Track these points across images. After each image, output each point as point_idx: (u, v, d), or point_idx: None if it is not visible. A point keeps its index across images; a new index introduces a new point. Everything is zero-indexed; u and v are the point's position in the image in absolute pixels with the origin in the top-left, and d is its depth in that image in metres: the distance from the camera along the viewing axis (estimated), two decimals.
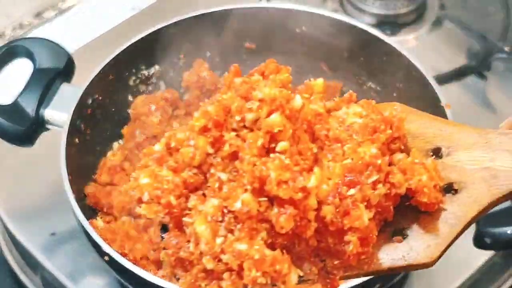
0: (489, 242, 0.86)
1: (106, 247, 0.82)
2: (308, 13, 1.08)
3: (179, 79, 1.13)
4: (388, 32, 1.27)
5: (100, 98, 1.03)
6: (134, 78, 1.10)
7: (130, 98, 1.10)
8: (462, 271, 0.98)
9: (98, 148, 1.06)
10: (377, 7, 1.30)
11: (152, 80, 1.12)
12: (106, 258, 0.83)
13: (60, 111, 0.95)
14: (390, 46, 1.03)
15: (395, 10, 1.30)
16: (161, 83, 1.13)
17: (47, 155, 0.97)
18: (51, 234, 1.03)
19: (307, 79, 0.63)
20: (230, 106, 0.54)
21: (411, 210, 0.56)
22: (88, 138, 1.01)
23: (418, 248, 0.55)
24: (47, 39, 1.01)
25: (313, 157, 0.55)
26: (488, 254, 0.99)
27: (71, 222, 0.90)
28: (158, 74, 1.12)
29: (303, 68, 1.15)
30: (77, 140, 0.97)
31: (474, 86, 1.20)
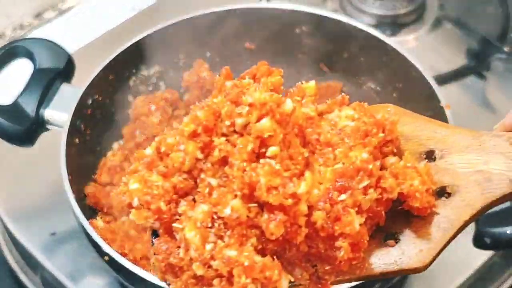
0: (488, 242, 0.86)
1: (106, 247, 0.82)
2: (308, 13, 1.08)
3: (179, 79, 1.13)
4: (388, 32, 1.27)
5: (100, 98, 1.02)
6: (134, 78, 1.10)
7: (130, 98, 1.10)
8: (462, 271, 0.98)
9: (98, 148, 1.06)
10: (377, 8, 1.30)
11: (152, 80, 1.12)
12: (106, 258, 0.83)
13: (60, 111, 0.95)
14: (390, 46, 1.03)
15: (395, 10, 1.30)
16: (161, 83, 1.13)
17: (47, 155, 0.97)
18: (51, 234, 1.03)
19: (307, 79, 0.62)
20: (220, 111, 0.54)
21: (403, 215, 0.56)
22: (88, 138, 1.01)
23: (410, 252, 0.54)
24: (47, 40, 1.01)
25: (304, 161, 0.54)
26: (487, 254, 0.99)
27: (71, 222, 0.90)
28: (158, 74, 1.12)
29: (303, 68, 1.15)
30: (77, 140, 0.97)
31: (473, 87, 1.20)
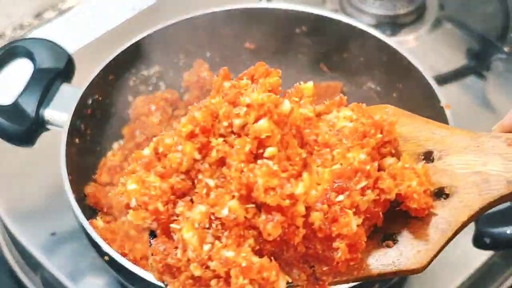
0: (488, 242, 0.86)
1: (106, 247, 0.82)
2: (308, 13, 1.08)
3: (179, 79, 1.13)
4: (388, 32, 1.27)
5: (100, 98, 1.02)
6: (134, 78, 1.10)
7: (130, 99, 1.10)
8: (462, 271, 0.98)
9: (98, 148, 1.06)
10: (376, 8, 1.30)
11: (152, 80, 1.12)
12: (106, 258, 0.83)
13: (60, 111, 0.95)
14: (390, 46, 1.03)
15: (395, 10, 1.30)
16: (161, 83, 1.14)
17: (47, 155, 0.97)
18: (51, 234, 1.03)
19: (307, 79, 0.62)
20: (218, 112, 0.54)
21: (401, 216, 0.56)
22: (88, 138, 1.01)
23: (408, 253, 0.54)
24: (47, 40, 1.01)
25: (301, 162, 0.54)
26: (487, 254, 0.99)
27: (71, 222, 0.90)
28: (158, 74, 1.12)
29: (303, 68, 1.15)
30: (77, 140, 0.97)
31: (473, 87, 1.20)
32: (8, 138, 0.96)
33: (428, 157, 0.58)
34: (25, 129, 0.95)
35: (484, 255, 0.99)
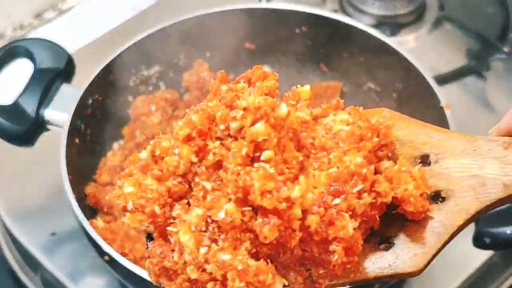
0: (488, 242, 0.86)
1: (106, 247, 0.82)
2: (308, 13, 1.08)
3: (179, 79, 1.14)
4: (387, 32, 1.27)
5: (100, 98, 1.03)
6: (134, 78, 1.10)
7: (130, 99, 1.10)
8: (462, 271, 0.98)
9: (98, 148, 1.06)
10: (376, 8, 1.30)
11: (152, 80, 1.12)
12: (106, 258, 0.83)
13: (60, 111, 0.96)
14: (390, 46, 1.03)
15: (395, 10, 1.30)
16: (161, 83, 1.14)
17: (47, 155, 0.97)
18: (51, 234, 1.03)
19: (307, 80, 0.62)
20: (215, 115, 0.54)
21: (398, 219, 0.56)
22: (88, 138, 1.01)
23: (405, 257, 0.54)
24: (47, 40, 1.01)
25: (298, 165, 0.54)
26: (487, 254, 1.00)
27: (71, 222, 0.90)
28: (158, 74, 1.13)
29: (303, 68, 1.15)
30: (77, 140, 0.97)
31: (473, 87, 1.20)
32: (8, 138, 0.96)
33: (424, 160, 0.58)
34: (25, 129, 0.95)
35: (484, 255, 0.99)
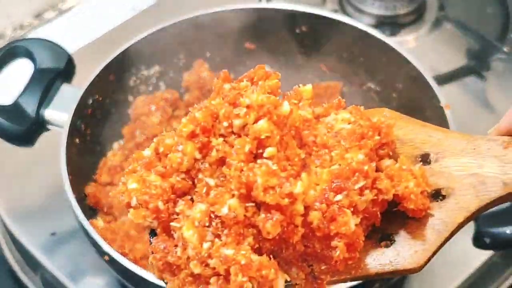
0: (488, 242, 0.87)
1: (106, 247, 0.82)
2: (308, 13, 1.08)
3: (179, 79, 1.14)
4: (387, 32, 1.27)
5: (100, 98, 1.03)
6: (134, 78, 1.10)
7: (130, 99, 1.10)
8: (462, 271, 0.99)
9: (98, 148, 1.06)
10: (376, 8, 1.30)
11: (152, 80, 1.13)
12: (106, 258, 0.83)
13: (60, 111, 0.96)
14: (390, 46, 1.03)
15: (395, 10, 1.30)
16: (161, 83, 1.14)
17: (47, 155, 0.97)
18: (51, 234, 1.03)
19: (307, 80, 0.62)
20: (218, 112, 0.54)
21: (399, 216, 0.56)
22: (88, 138, 1.02)
23: (405, 253, 0.55)
24: (48, 40, 1.01)
25: (300, 162, 0.55)
26: (487, 253, 1.00)
27: (71, 222, 0.90)
28: (158, 74, 1.13)
29: (303, 68, 1.15)
30: (77, 140, 0.98)
31: (473, 87, 1.20)
32: (8, 138, 0.96)
33: (425, 159, 0.59)
34: (25, 129, 0.95)
35: (484, 255, 1.00)
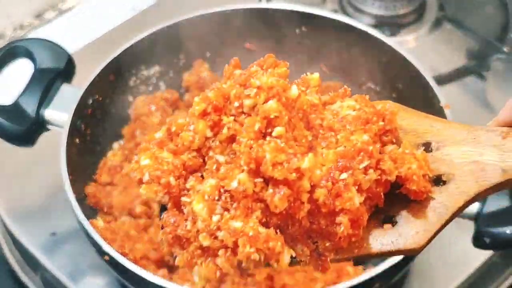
0: (488, 242, 0.87)
1: (106, 247, 0.83)
2: (308, 13, 1.09)
3: (179, 80, 1.14)
4: (387, 32, 1.28)
5: (100, 98, 1.03)
6: (134, 78, 1.11)
7: (130, 99, 1.11)
8: (462, 271, 0.99)
9: (98, 148, 1.07)
10: (376, 8, 1.30)
11: (152, 80, 1.13)
12: (106, 258, 0.83)
13: (60, 112, 0.96)
14: (390, 46, 1.03)
15: (395, 11, 1.30)
16: (161, 84, 1.14)
17: (47, 155, 0.98)
18: (51, 234, 1.03)
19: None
20: (229, 93, 0.56)
21: (401, 199, 0.58)
22: (88, 138, 1.02)
23: (407, 234, 0.57)
24: (48, 40, 1.02)
25: (307, 144, 0.57)
26: (487, 253, 1.00)
27: (71, 222, 0.91)
28: (158, 74, 1.13)
29: (303, 68, 1.15)
30: (77, 140, 0.98)
31: (473, 87, 1.21)
32: (8, 138, 0.96)
33: (427, 148, 0.61)
34: (25, 129, 0.95)
35: (483, 255, 1.00)
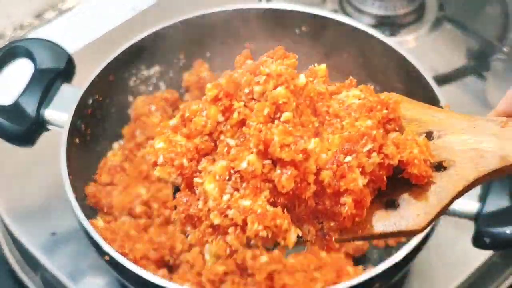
0: (488, 242, 0.87)
1: (106, 247, 0.83)
2: (308, 13, 1.09)
3: (179, 80, 1.14)
4: (387, 32, 1.28)
5: (100, 98, 1.03)
6: (134, 78, 1.11)
7: (130, 99, 1.11)
8: (462, 271, 1.00)
9: (98, 148, 1.07)
10: (376, 8, 1.31)
11: (152, 80, 1.13)
12: (106, 258, 0.84)
13: (60, 112, 0.97)
14: (390, 46, 1.04)
15: (395, 11, 1.31)
16: (161, 84, 1.14)
17: (47, 155, 0.98)
18: (51, 234, 1.04)
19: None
20: (240, 80, 0.60)
21: (404, 184, 0.61)
22: (88, 138, 1.02)
23: (409, 216, 0.60)
24: (48, 40, 1.02)
25: (314, 129, 0.60)
26: (487, 253, 1.00)
27: (71, 222, 0.91)
28: (158, 74, 1.14)
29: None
30: (77, 140, 0.98)
31: (473, 87, 1.21)
32: (8, 138, 0.97)
33: (429, 136, 0.63)
34: (25, 129, 0.96)
35: (483, 255, 1.00)
